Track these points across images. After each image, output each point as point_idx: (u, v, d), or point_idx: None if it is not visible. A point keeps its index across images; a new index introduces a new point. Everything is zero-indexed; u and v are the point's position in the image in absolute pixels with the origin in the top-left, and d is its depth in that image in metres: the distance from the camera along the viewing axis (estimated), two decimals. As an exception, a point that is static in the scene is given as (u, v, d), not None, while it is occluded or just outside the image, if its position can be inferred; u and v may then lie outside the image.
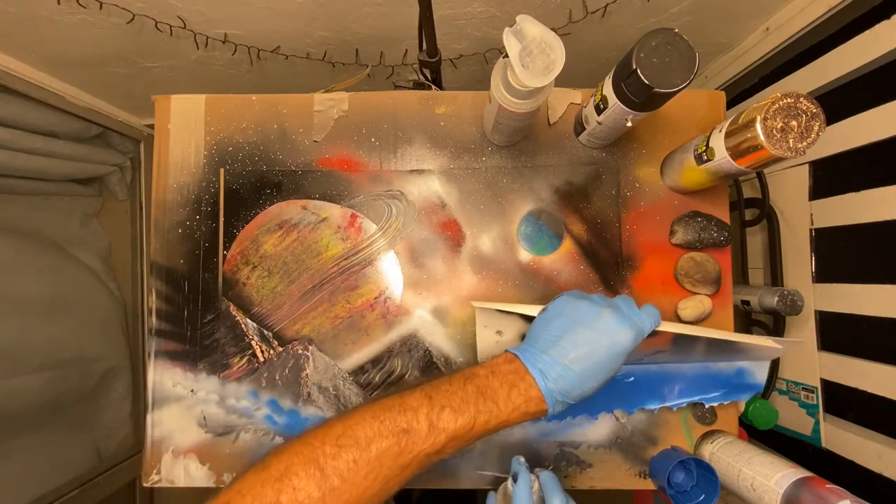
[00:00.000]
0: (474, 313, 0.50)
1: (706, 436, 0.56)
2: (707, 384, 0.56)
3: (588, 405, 0.57)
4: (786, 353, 0.55)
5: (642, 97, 0.42)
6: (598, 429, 0.57)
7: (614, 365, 0.38)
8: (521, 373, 0.37)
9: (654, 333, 0.42)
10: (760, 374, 0.56)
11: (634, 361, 0.55)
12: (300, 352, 0.58)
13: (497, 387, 0.37)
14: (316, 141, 0.60)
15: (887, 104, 0.56)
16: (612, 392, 0.56)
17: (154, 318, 0.58)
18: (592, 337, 0.38)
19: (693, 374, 0.56)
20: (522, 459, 0.46)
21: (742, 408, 0.67)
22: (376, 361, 0.58)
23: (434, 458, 0.36)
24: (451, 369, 0.57)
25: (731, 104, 0.72)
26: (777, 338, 0.49)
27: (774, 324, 0.73)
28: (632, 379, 0.56)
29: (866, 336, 0.63)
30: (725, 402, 0.55)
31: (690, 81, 0.40)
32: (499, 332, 0.51)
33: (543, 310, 0.43)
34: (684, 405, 0.56)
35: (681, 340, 0.47)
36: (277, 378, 0.58)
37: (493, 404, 0.36)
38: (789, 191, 0.71)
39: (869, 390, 0.59)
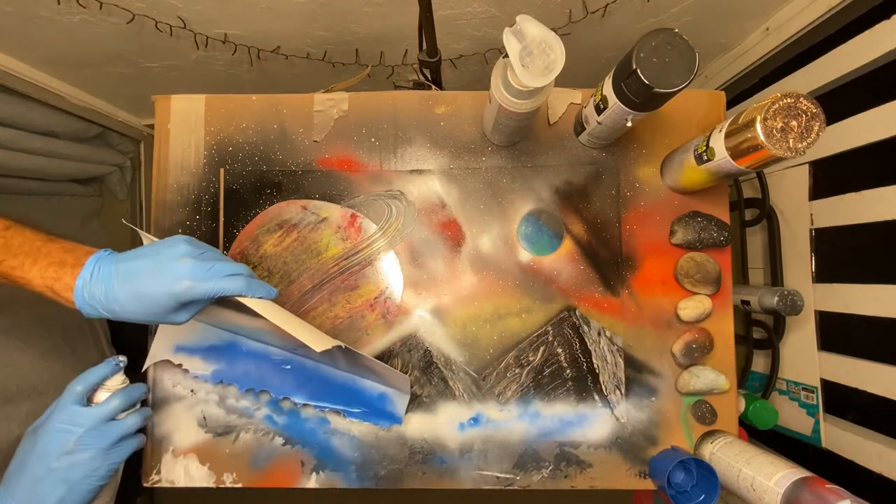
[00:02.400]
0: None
1: (706, 436, 0.56)
2: (351, 397, 0.56)
3: (241, 379, 0.56)
4: (403, 390, 0.57)
5: (642, 97, 0.42)
6: (599, 429, 0.57)
7: (164, 303, 0.40)
8: (76, 265, 0.39)
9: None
10: (400, 406, 0.56)
11: (286, 347, 0.56)
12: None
13: (52, 254, 0.40)
14: (316, 141, 0.60)
15: (887, 104, 0.56)
16: (266, 374, 0.56)
17: (154, 318, 0.59)
18: (154, 275, 0.39)
19: (341, 382, 0.56)
20: None
21: (742, 408, 0.67)
22: (376, 361, 0.58)
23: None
24: (449, 368, 0.57)
25: (731, 104, 0.72)
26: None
27: (774, 324, 0.73)
28: (289, 367, 0.56)
29: (866, 336, 0.63)
30: (363, 422, 0.56)
31: (690, 81, 0.40)
32: None
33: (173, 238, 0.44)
34: (327, 409, 0.56)
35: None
36: (277, 378, 0.58)
37: (31, 262, 0.39)
38: (789, 191, 0.72)
39: (869, 390, 0.59)
